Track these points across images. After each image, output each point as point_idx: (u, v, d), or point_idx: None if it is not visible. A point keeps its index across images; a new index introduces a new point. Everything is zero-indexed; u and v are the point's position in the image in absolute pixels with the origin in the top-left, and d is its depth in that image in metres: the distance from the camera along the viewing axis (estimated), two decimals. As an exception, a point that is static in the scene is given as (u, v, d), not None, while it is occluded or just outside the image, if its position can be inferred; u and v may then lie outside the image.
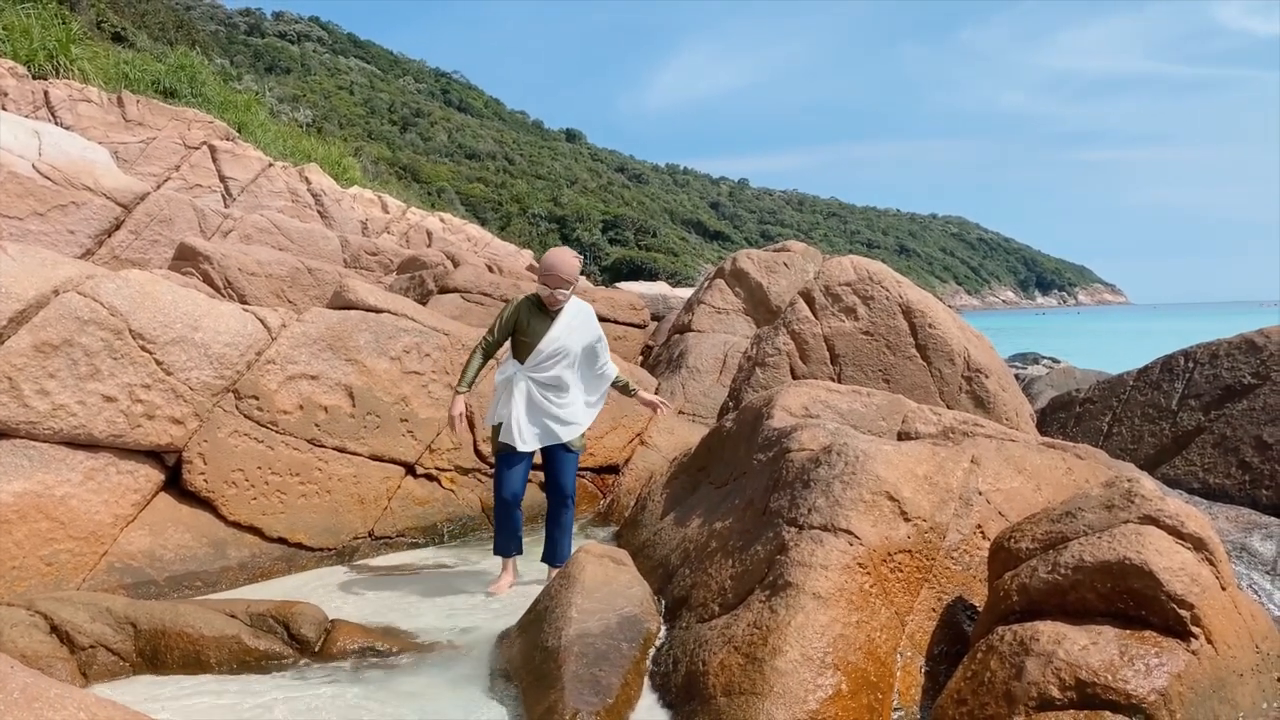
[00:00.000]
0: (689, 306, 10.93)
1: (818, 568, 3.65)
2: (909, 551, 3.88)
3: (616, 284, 44.86)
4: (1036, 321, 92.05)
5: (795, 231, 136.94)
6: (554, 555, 5.57)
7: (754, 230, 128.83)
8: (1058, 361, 22.57)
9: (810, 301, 7.09)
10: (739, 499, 4.65)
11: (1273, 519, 5.27)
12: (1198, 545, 3.37)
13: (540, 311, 5.27)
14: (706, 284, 10.99)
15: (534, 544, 5.97)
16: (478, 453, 7.02)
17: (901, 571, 3.84)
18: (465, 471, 6.96)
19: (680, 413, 9.13)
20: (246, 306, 6.18)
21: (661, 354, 10.70)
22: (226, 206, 17.29)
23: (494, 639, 4.69)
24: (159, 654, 4.27)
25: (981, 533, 4.11)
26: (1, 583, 4.86)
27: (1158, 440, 6.90)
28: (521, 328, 5.28)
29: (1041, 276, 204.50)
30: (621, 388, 5.60)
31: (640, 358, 11.83)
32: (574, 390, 5.36)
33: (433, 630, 4.87)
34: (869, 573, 3.73)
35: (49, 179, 10.82)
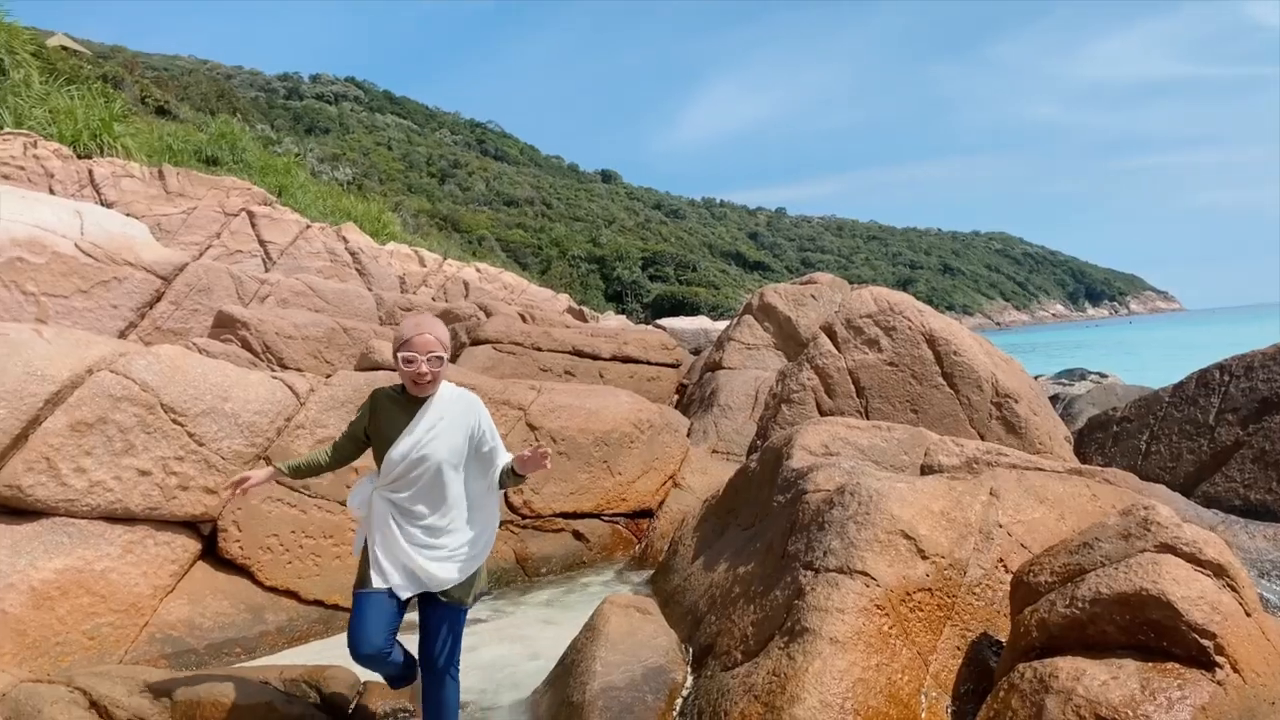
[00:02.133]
0: (720, 344, 10.96)
1: (834, 612, 3.62)
2: (929, 590, 3.84)
3: (658, 320, 44.95)
4: (1087, 335, 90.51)
5: (836, 257, 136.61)
6: None
7: (794, 258, 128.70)
8: (1105, 376, 22.17)
9: (832, 335, 7.08)
10: (760, 542, 4.65)
11: (1311, 536, 5.13)
12: (1217, 572, 3.30)
13: (401, 406, 3.64)
14: (736, 321, 11.01)
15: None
16: (509, 504, 7.07)
17: (922, 610, 3.80)
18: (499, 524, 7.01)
19: (714, 452, 9.12)
20: (275, 374, 6.32)
21: (694, 392, 10.72)
22: (266, 270, 17.71)
23: (526, 698, 4.71)
24: (195, 725, 4.34)
25: (1004, 566, 4.06)
26: (47, 659, 4.98)
27: (1196, 457, 6.76)
28: (373, 431, 3.67)
29: (1091, 288, 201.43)
30: (505, 474, 3.76)
31: (675, 397, 11.85)
32: (451, 515, 3.65)
33: (470, 688, 4.90)
34: (887, 614, 3.70)
35: (91, 257, 11.16)
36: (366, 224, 27.76)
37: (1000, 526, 4.14)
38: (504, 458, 3.78)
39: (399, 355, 3.56)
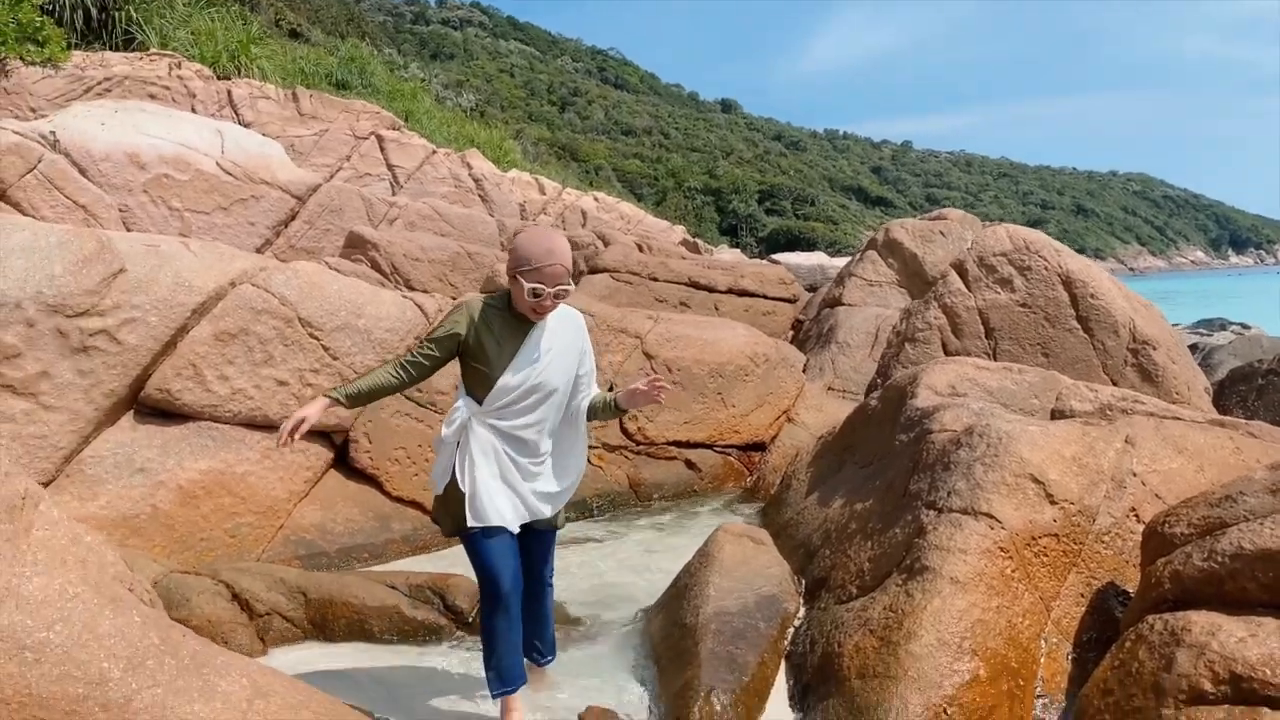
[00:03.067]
0: (840, 279, 10.78)
1: (955, 552, 3.58)
2: (1055, 535, 3.75)
3: (773, 255, 44.34)
4: (1229, 283, 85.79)
5: (963, 194, 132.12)
6: (543, 644, 3.90)
7: (919, 194, 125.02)
8: (1248, 328, 21.05)
9: (963, 273, 6.87)
10: (880, 480, 4.60)
11: None
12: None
13: (509, 324, 3.36)
14: (859, 256, 10.79)
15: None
16: (624, 430, 7.16)
17: (1047, 556, 3.72)
18: (612, 449, 7.12)
19: (829, 389, 9.04)
20: (405, 293, 6.50)
21: (811, 328, 10.60)
22: (394, 194, 18.13)
23: (637, 616, 4.82)
24: (327, 622, 4.59)
25: (1136, 516, 3.93)
26: (192, 553, 5.32)
27: (1351, 416, 6.38)
28: (476, 349, 3.34)
29: (1236, 234, 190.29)
30: (604, 407, 3.60)
31: (790, 332, 11.75)
32: (555, 443, 3.53)
33: (583, 604, 5.04)
34: (1011, 557, 3.64)
35: (231, 175, 11.61)
36: (489, 151, 28.05)
37: (1134, 475, 3.99)
38: (594, 387, 3.66)
39: (525, 283, 3.22)
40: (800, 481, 6.28)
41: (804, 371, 8.89)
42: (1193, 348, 10.59)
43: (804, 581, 4.62)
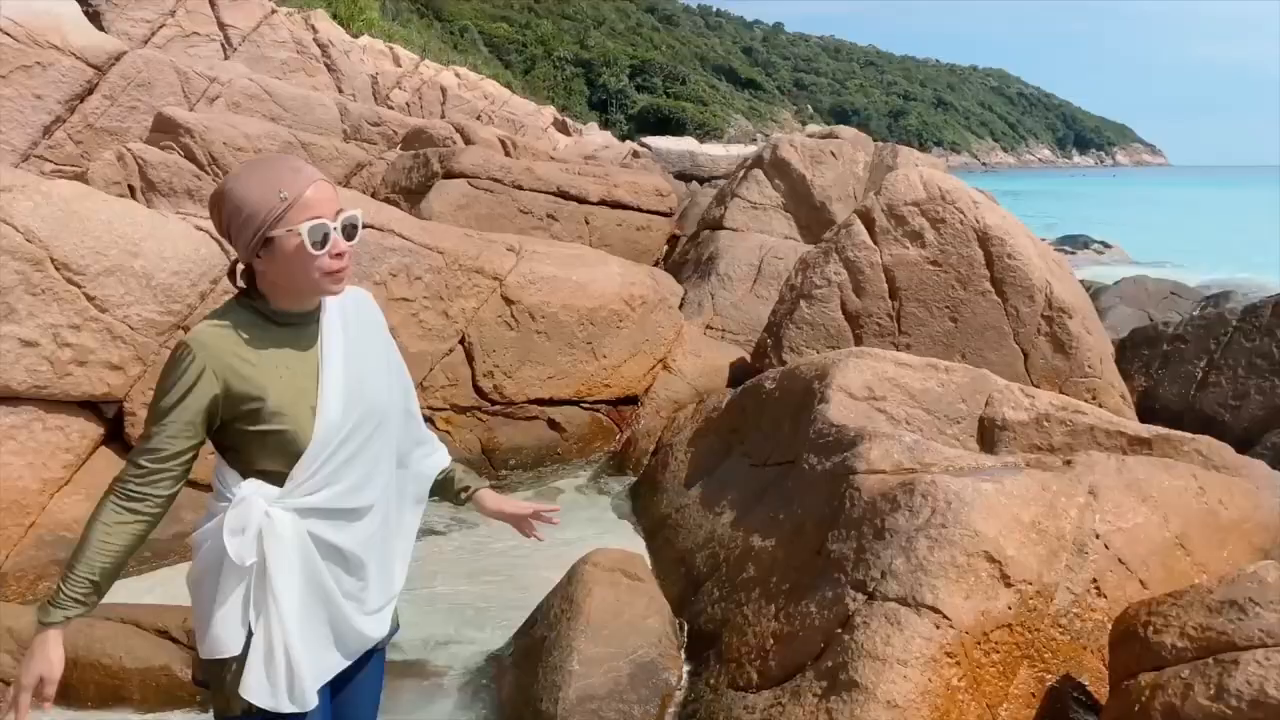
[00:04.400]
0: (720, 199, 9.82)
1: (894, 664, 2.77)
2: (1009, 625, 3.00)
3: (643, 139, 42.86)
4: (1075, 185, 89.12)
5: (830, 80, 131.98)
6: None
7: (787, 79, 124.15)
8: (1108, 245, 21.30)
9: (870, 224, 6.01)
10: (785, 513, 3.76)
11: None
12: None
13: (278, 338, 1.94)
14: (742, 174, 9.84)
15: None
16: (477, 388, 6.14)
17: (998, 653, 2.97)
18: (463, 410, 6.11)
19: (708, 328, 8.18)
20: (200, 224, 5.19)
21: (689, 252, 9.67)
22: (226, 58, 15.99)
23: (487, 657, 3.94)
24: (72, 687, 3.52)
25: (1098, 588, 3.22)
26: (-99, 570, 4.10)
27: (1267, 399, 5.93)
28: (245, 400, 1.88)
29: (1080, 135, 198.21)
30: (450, 490, 2.36)
31: (665, 248, 10.80)
32: (383, 518, 2.10)
33: (413, 640, 4.10)
34: (958, 663, 2.87)
35: (10, 36, 9.64)
36: (342, 5, 25.54)
37: (1097, 537, 3.27)
38: (438, 448, 2.34)
39: (295, 229, 1.84)
40: (679, 462, 5.44)
41: (682, 308, 7.99)
42: (1091, 290, 10.17)
43: (686, 628, 3.80)
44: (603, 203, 10.20)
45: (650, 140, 42.59)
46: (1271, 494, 3.96)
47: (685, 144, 43.50)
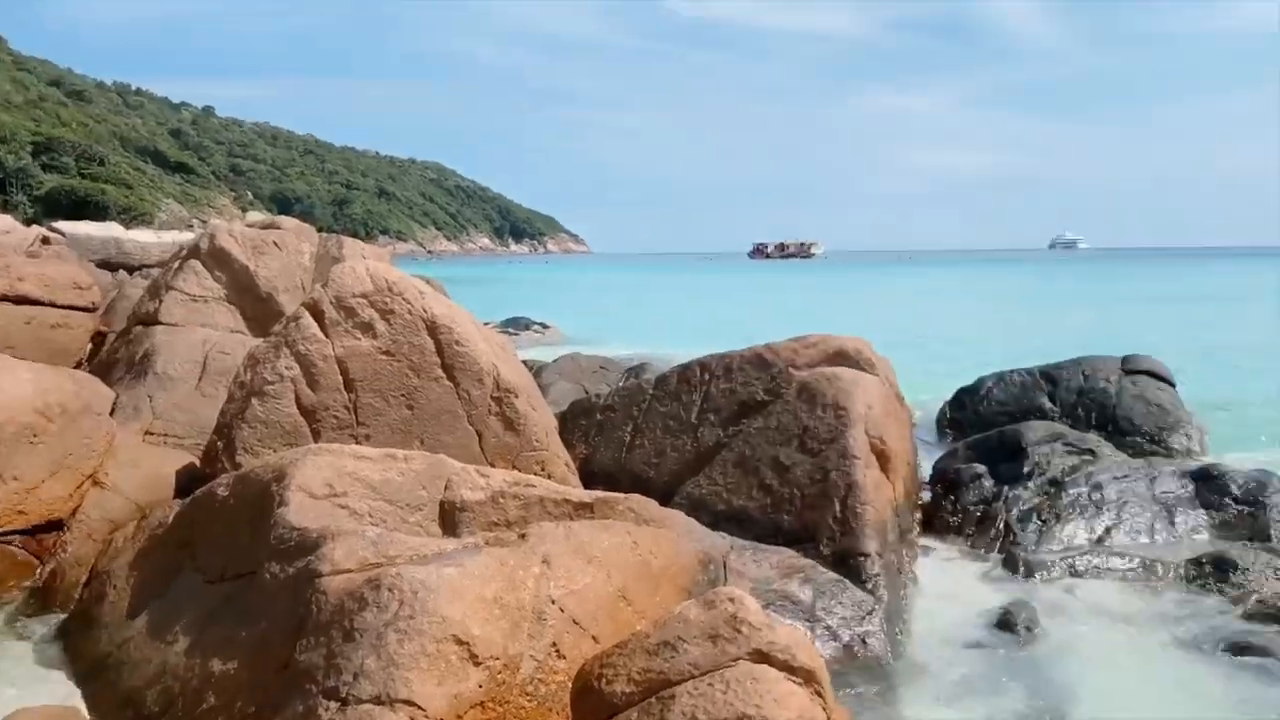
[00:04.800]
0: (154, 291, 9.05)
1: (371, 770, 2.71)
2: (481, 704, 3.10)
3: (54, 224, 37.93)
4: (511, 270, 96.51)
5: (270, 167, 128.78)
6: None
7: (223, 163, 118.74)
8: (546, 326, 23.29)
9: (319, 316, 5.94)
10: (248, 629, 3.52)
11: (810, 562, 5.33)
12: (808, 678, 3.00)
13: None
14: (177, 264, 9.17)
15: None
16: None
17: (472, 733, 3.05)
18: None
19: (148, 434, 7.44)
20: None
21: (119, 350, 8.75)
22: None
23: None
24: None
25: (558, 651, 3.45)
26: None
27: (680, 455, 6.86)
28: None
29: (515, 225, 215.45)
30: None
31: (89, 347, 9.66)
32: None
33: None
34: (436, 751, 2.89)
35: None
36: None
37: (553, 603, 3.52)
38: None
39: None
40: (119, 589, 4.85)
41: (113, 414, 7.16)
42: (534, 368, 10.96)
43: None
44: (5, 298, 8.86)
45: (64, 225, 37.85)
46: (690, 539, 4.58)
47: (109, 229, 39.26)
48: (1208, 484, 7.43)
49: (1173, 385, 11.34)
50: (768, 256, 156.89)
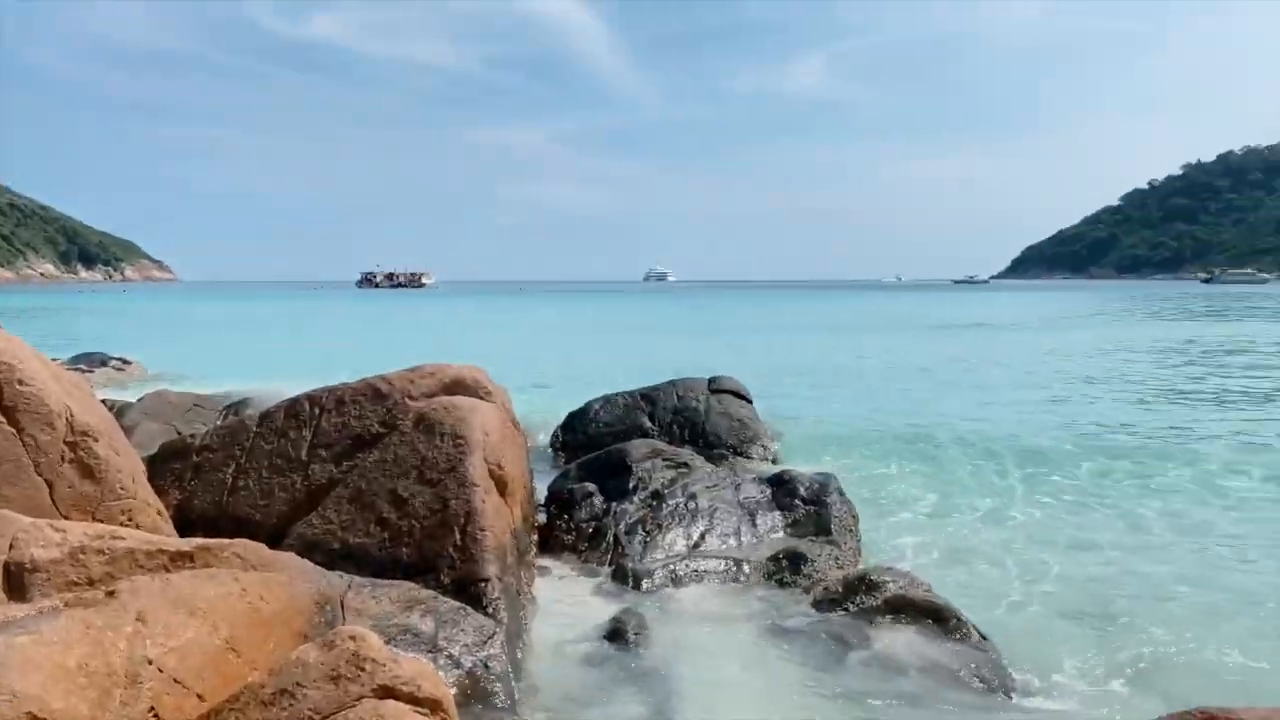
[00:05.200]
0: None
1: None
2: (65, 787, 2.74)
3: None
4: (83, 300, 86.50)
5: None
6: None
7: None
8: (128, 362, 21.08)
9: None
10: None
11: (431, 593, 5.26)
12: (434, 708, 2.98)
13: None
14: None
15: None
16: None
17: (55, 822, 2.69)
18: None
19: None
20: None
21: None
22: None
23: None
24: None
25: (155, 714, 3.14)
26: None
27: (290, 495, 6.51)
28: None
29: (85, 250, 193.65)
30: None
31: None
32: None
33: None
34: None
35: None
36: None
37: (150, 663, 3.20)
38: None
39: None
40: None
41: None
42: (114, 408, 9.83)
43: None
44: None
45: None
46: (304, 581, 4.37)
47: None
48: (781, 488, 8.36)
49: (750, 402, 12.67)
50: (377, 286, 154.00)
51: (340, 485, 6.40)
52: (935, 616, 6.02)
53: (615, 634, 5.84)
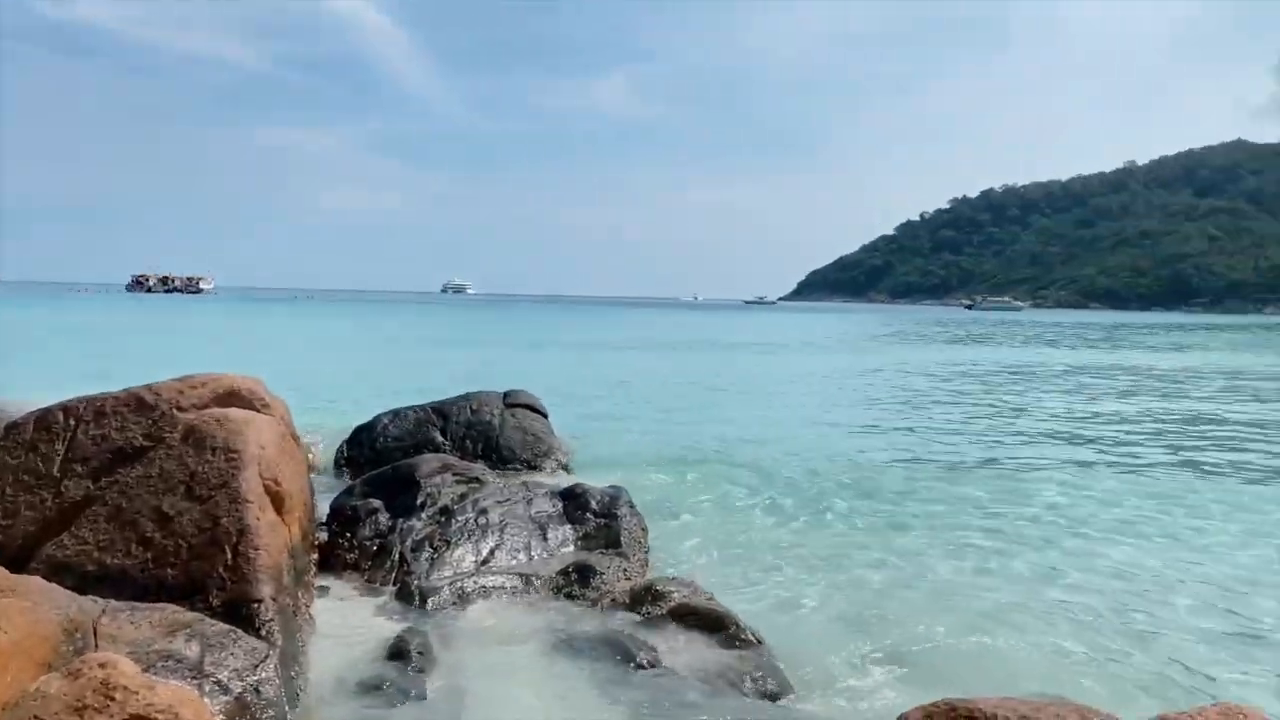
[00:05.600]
0: None
1: None
2: None
3: None
4: None
5: None
6: None
7: None
8: None
9: None
10: None
11: (197, 616, 4.93)
12: (195, 736, 2.81)
13: None
14: None
15: None
16: None
17: None
18: None
19: None
20: None
21: None
22: None
23: None
24: None
25: None
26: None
27: (39, 514, 5.97)
28: None
29: None
30: None
31: None
32: None
33: None
34: None
35: None
36: None
37: None
38: None
39: None
40: None
41: None
42: None
43: None
44: None
45: None
46: (50, 606, 4.03)
47: None
48: (572, 501, 8.42)
49: (546, 416, 12.70)
50: (149, 290, 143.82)
51: (98, 503, 5.93)
52: (716, 624, 6.22)
53: (398, 654, 5.69)
